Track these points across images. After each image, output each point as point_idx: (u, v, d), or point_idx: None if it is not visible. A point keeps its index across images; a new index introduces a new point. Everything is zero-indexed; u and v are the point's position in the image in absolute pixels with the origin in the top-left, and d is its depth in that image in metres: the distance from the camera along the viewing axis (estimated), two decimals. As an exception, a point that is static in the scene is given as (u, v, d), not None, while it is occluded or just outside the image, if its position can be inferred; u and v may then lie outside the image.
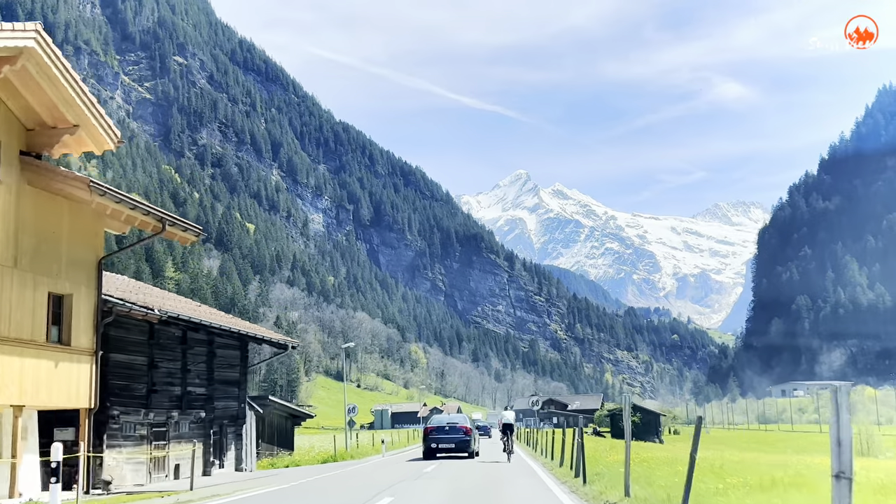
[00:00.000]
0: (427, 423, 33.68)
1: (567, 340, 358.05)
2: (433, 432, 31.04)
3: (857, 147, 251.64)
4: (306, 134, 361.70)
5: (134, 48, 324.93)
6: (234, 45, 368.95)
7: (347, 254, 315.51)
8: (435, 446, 30.63)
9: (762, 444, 50.11)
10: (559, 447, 25.24)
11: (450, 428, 31.01)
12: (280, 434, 40.10)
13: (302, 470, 28.72)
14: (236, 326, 26.24)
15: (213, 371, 25.61)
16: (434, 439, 30.74)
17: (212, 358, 25.58)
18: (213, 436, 25.45)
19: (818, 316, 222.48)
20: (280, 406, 40.79)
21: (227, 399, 26.85)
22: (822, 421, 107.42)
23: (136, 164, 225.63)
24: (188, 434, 23.60)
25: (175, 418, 23.04)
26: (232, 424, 27.10)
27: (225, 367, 26.62)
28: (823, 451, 41.05)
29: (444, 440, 30.59)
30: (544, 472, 22.66)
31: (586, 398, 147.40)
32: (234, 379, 27.38)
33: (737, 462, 22.08)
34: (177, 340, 23.39)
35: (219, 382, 26.03)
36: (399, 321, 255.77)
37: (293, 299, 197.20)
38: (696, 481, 10.10)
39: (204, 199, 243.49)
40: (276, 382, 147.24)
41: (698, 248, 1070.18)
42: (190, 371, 24.06)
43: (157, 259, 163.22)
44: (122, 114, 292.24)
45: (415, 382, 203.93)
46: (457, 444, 30.44)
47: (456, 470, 23.53)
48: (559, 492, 16.00)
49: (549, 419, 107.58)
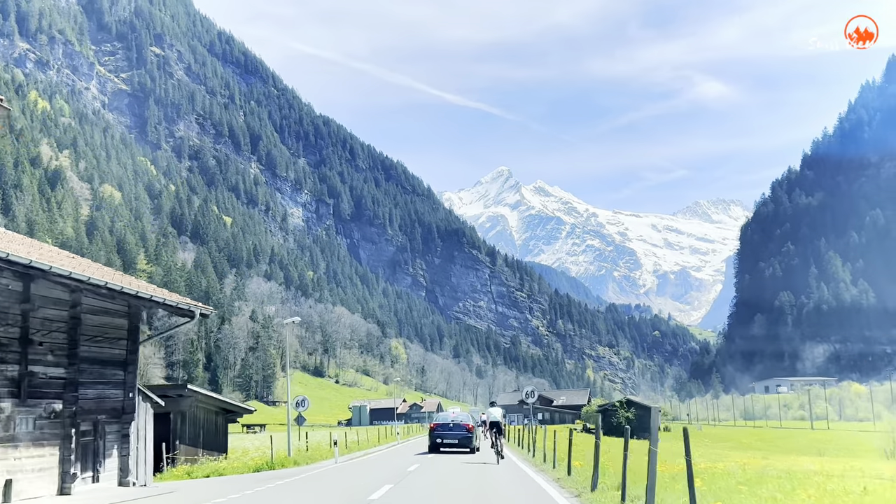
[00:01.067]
0: (432, 420, 36.69)
1: (549, 336, 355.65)
2: (438, 428, 33.66)
3: (840, 143, 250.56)
4: (286, 127, 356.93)
5: (110, 38, 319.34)
6: (213, 37, 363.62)
7: (327, 248, 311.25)
8: (440, 441, 33.09)
9: (767, 443, 47.42)
10: (557, 448, 21.98)
11: (454, 425, 33.35)
12: (208, 433, 32.64)
13: (218, 483, 21.86)
14: (113, 283, 16.89)
15: (78, 345, 17.60)
16: (439, 435, 33.30)
17: (76, 326, 17.58)
18: (82, 437, 17.95)
19: (801, 312, 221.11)
20: (206, 398, 32.70)
21: (104, 385, 18.82)
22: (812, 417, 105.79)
23: (111, 155, 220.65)
24: (31, 435, 16.23)
25: (6, 412, 15.59)
26: (113, 421, 19.25)
27: (100, 340, 18.53)
28: (846, 453, 38.17)
29: (448, 436, 32.98)
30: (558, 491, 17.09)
31: (572, 393, 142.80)
32: (115, 358, 19.10)
33: (786, 470, 18.68)
34: (13, 297, 15.83)
35: (88, 362, 18.10)
36: (379, 316, 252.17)
37: (270, 293, 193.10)
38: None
39: (180, 191, 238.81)
40: (252, 378, 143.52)
41: (678, 245, 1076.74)
42: (34, 343, 16.33)
43: (129, 250, 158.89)
44: (97, 105, 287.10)
45: (395, 378, 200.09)
46: (460, 440, 32.76)
47: (433, 488, 17.98)
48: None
49: (533, 415, 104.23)
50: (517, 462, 28.23)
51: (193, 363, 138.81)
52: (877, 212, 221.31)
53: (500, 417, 28.52)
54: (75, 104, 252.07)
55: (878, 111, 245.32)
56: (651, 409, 13.61)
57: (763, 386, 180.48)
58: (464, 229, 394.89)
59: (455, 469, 24.21)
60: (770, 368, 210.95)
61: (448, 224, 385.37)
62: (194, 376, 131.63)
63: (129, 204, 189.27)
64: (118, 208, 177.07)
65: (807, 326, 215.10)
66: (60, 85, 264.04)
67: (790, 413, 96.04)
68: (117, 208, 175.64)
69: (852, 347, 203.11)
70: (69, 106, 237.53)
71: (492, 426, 27.75)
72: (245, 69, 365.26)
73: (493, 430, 27.54)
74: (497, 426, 27.64)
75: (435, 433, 33.67)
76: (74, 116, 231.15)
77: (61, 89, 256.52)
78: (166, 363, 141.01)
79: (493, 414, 28.72)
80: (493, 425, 27.75)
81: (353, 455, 36.80)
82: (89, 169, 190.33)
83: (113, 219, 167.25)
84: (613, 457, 20.86)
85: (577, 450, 23.12)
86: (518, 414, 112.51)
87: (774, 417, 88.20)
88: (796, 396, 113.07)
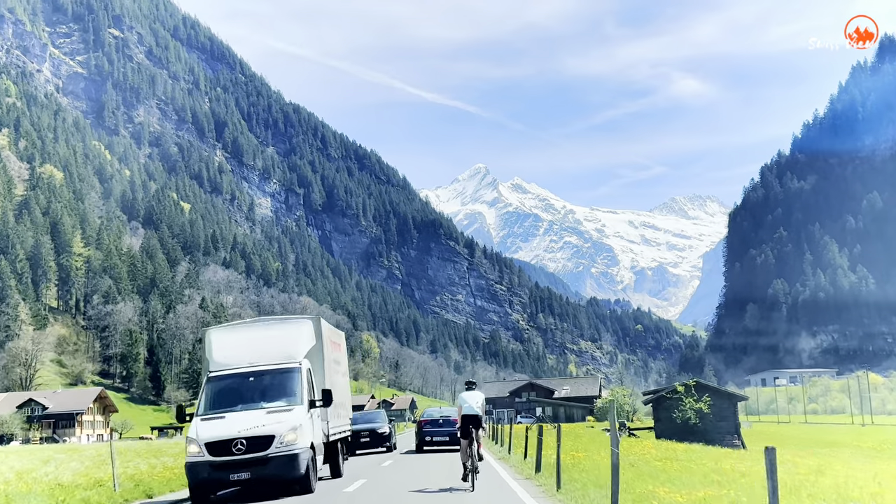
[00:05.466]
0: (421, 417, 33.61)
1: (529, 331, 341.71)
2: (427, 426, 31.22)
3: (832, 124, 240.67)
4: (254, 115, 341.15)
5: (66, 20, 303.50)
6: (178, 22, 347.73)
7: (297, 240, 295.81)
8: (429, 439, 30.60)
9: (830, 444, 35.10)
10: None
11: (443, 421, 30.94)
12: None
13: None
14: None
15: None
16: (428, 432, 30.78)
17: None
18: None
19: (796, 301, 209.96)
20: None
21: None
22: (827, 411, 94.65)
23: (59, 137, 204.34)
24: None
25: None
26: None
27: None
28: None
29: (438, 433, 30.53)
30: None
31: (577, 383, 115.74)
32: None
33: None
34: None
35: None
36: (351, 309, 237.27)
37: (228, 282, 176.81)
38: None
39: (135, 176, 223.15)
40: (200, 373, 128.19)
41: (655, 241, 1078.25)
42: None
43: (63, 231, 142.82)
44: (49, 88, 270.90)
45: (366, 374, 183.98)
46: (450, 438, 29.51)
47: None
48: None
49: (530, 411, 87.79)
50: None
51: (133, 357, 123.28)
52: (874, 195, 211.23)
53: (480, 408, 16.22)
54: (25, 86, 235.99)
55: (872, 91, 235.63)
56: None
57: (759, 379, 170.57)
58: (440, 220, 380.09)
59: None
60: (763, 361, 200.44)
61: (424, 215, 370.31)
62: (133, 372, 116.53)
63: (72, 186, 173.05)
64: (59, 190, 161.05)
65: (803, 315, 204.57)
66: (9, 66, 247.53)
67: (798, 407, 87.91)
68: (57, 189, 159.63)
69: (852, 336, 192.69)
70: (16, 87, 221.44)
71: (466, 423, 15.95)
72: (211, 55, 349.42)
73: (467, 427, 15.89)
74: (474, 422, 15.93)
75: (423, 431, 31.08)
76: (21, 97, 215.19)
77: (9, 70, 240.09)
78: (101, 357, 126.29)
79: (468, 401, 16.25)
80: (468, 421, 15.95)
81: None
82: (29, 149, 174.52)
83: (49, 199, 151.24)
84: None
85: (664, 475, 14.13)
86: (509, 410, 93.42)
87: (782, 412, 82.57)
88: (802, 389, 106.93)
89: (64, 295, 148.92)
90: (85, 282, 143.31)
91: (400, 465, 24.18)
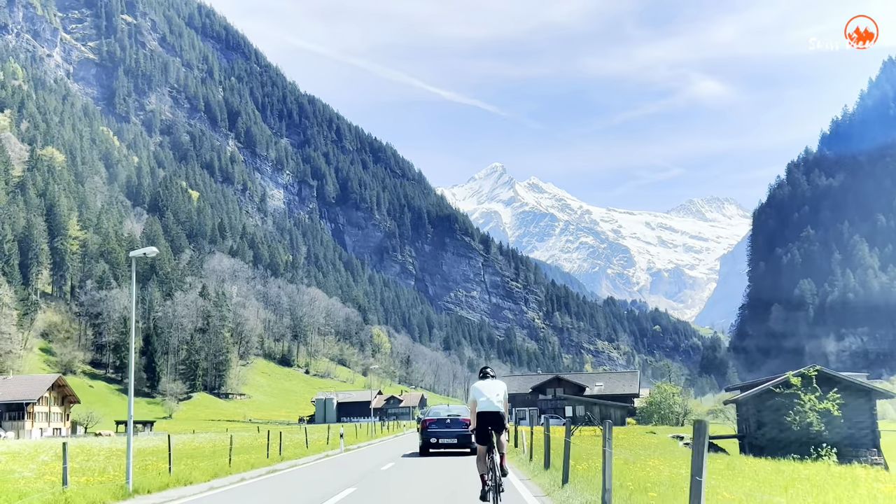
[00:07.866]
0: (426, 416, 29.35)
1: (545, 329, 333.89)
2: (432, 425, 27.67)
3: (862, 119, 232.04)
4: (268, 105, 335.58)
5: (78, 5, 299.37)
6: (193, 10, 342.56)
7: (310, 232, 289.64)
8: (435, 441, 27.31)
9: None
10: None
11: (451, 421, 27.47)
12: None
13: None
14: None
15: None
16: (433, 433, 27.37)
17: None
18: None
19: (824, 302, 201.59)
20: None
21: None
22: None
23: (65, 121, 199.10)
24: None
25: None
26: None
27: None
28: None
29: (445, 434, 27.19)
30: None
31: (612, 378, 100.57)
32: None
33: None
34: None
35: None
36: (362, 303, 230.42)
37: (233, 271, 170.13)
38: None
39: (143, 163, 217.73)
40: (198, 365, 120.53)
41: (672, 243, 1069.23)
42: None
43: (59, 213, 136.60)
44: (60, 73, 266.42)
45: (376, 370, 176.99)
46: (459, 439, 26.83)
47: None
48: None
49: (558, 411, 76.96)
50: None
51: (127, 346, 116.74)
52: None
53: (501, 402, 11.43)
54: (34, 70, 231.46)
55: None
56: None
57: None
58: (456, 215, 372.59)
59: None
60: (787, 364, 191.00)
61: (439, 210, 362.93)
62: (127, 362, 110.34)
63: (73, 168, 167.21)
64: (59, 172, 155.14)
65: (830, 316, 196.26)
66: (18, 49, 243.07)
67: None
68: (57, 172, 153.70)
69: (882, 340, 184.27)
70: (24, 71, 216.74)
71: (484, 423, 11.25)
72: (226, 44, 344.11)
73: (486, 429, 11.23)
74: (494, 421, 11.23)
75: (428, 431, 27.56)
76: (28, 81, 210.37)
77: (18, 54, 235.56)
78: (94, 345, 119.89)
79: (486, 394, 11.43)
80: (486, 421, 11.27)
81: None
82: (31, 130, 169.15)
83: (48, 181, 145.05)
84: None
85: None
86: (531, 408, 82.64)
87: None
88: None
89: (58, 280, 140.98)
90: (81, 266, 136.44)
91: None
